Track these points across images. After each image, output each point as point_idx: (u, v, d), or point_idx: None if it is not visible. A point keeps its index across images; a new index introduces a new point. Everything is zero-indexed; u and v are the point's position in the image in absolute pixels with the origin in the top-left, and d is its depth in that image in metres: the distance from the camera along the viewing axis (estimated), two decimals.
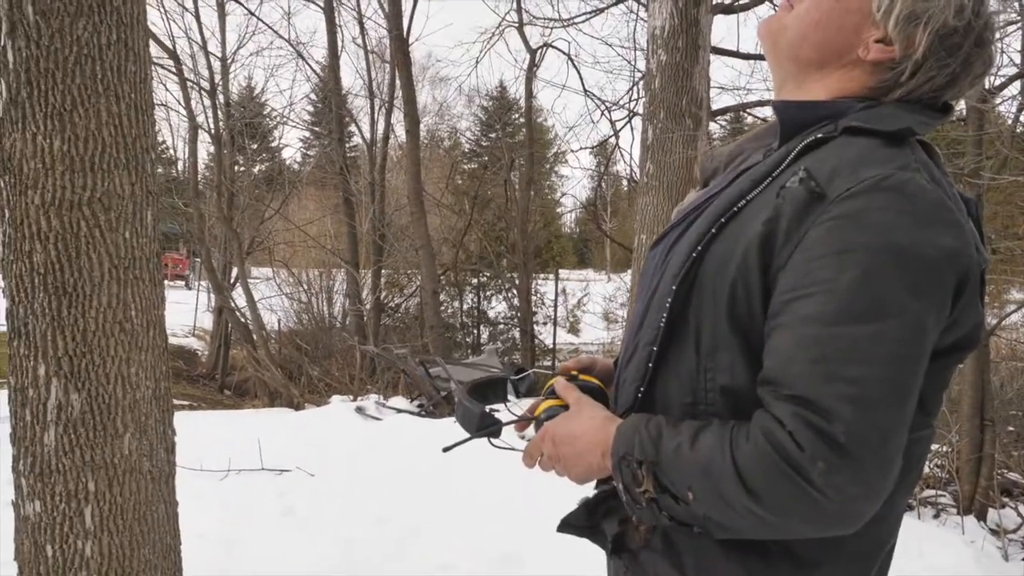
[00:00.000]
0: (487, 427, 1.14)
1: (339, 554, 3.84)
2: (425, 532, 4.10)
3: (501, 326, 13.38)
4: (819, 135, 0.93)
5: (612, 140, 11.45)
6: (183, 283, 29.06)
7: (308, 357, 10.94)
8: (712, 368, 0.93)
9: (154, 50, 10.50)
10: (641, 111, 7.23)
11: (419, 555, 3.83)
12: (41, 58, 2.00)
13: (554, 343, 12.95)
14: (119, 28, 2.09)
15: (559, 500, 1.30)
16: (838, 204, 0.85)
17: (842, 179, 0.86)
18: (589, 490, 1.11)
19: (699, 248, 0.94)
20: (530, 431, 1.19)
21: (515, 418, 1.21)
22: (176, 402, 5.01)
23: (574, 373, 1.21)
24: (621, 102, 11.26)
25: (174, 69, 12.01)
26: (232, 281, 14.83)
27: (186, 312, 18.99)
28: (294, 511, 4.59)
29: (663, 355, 0.98)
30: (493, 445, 1.19)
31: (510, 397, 1.38)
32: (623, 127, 11.06)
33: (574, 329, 18.98)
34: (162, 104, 13.77)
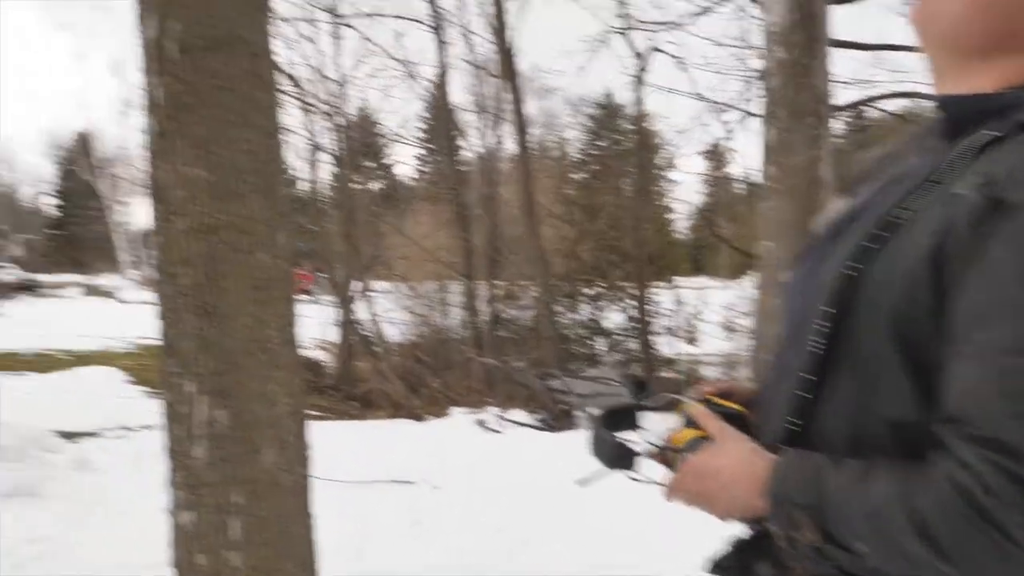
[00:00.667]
0: (623, 459, 1.10)
1: (460, 564, 3.87)
2: (545, 546, 4.07)
3: (618, 337, 13.22)
4: (993, 133, 0.82)
5: (725, 142, 11.13)
6: (309, 297, 30.40)
7: (428, 369, 11.16)
8: (875, 399, 0.83)
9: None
10: (757, 111, 6.99)
11: (532, 562, 3.82)
12: (184, 93, 2.11)
13: (672, 354, 12.69)
14: (250, 59, 2.18)
15: (686, 526, 1.24)
16: None
17: None
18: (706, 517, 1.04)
19: (855, 264, 0.85)
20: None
21: (653, 450, 1.12)
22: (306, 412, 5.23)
23: (713, 399, 1.14)
24: (734, 103, 10.95)
25: (296, 94, 12.61)
26: (354, 295, 15.36)
27: (313, 325, 19.83)
28: (420, 522, 4.67)
29: (817, 383, 0.88)
30: (631, 478, 1.13)
31: (645, 425, 1.31)
32: (737, 128, 10.73)
33: (692, 339, 18.50)
34: (285, 127, 14.48)
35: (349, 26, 13.38)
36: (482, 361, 7.94)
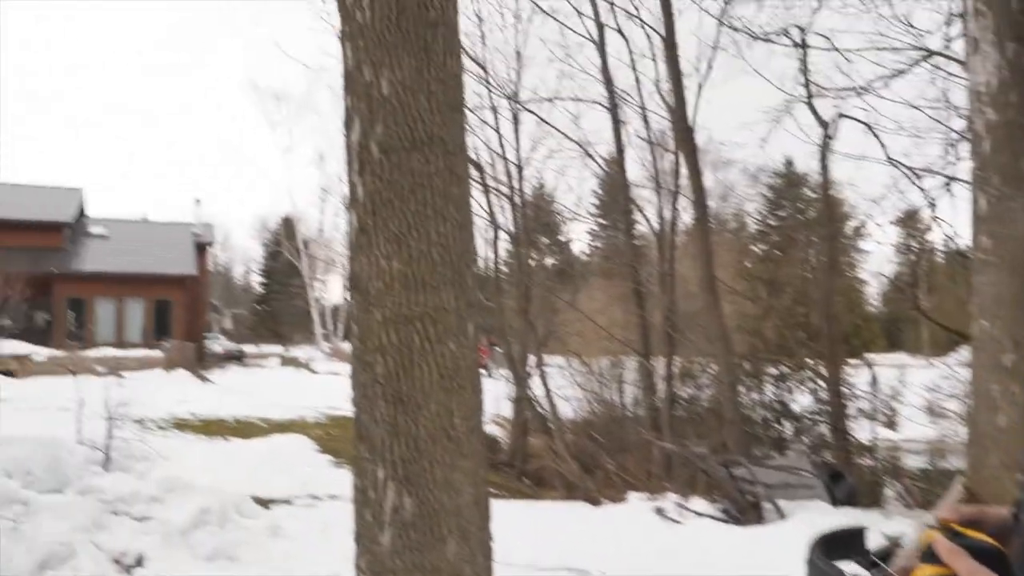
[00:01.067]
0: None
1: None
2: None
3: (806, 420, 12.34)
4: None
5: (926, 210, 10.30)
6: (485, 372, 31.27)
7: (603, 449, 10.95)
8: None
9: None
10: (965, 177, 6.41)
11: None
12: (383, 189, 2.23)
13: (869, 439, 11.62)
14: (445, 157, 2.28)
15: None
16: None
17: None
18: None
19: None
20: None
21: None
22: None
23: (957, 528, 0.95)
24: (934, 167, 10.15)
25: (478, 178, 13.22)
26: (529, 371, 15.53)
27: (488, 400, 20.17)
28: None
29: None
30: None
31: (865, 550, 1.12)
32: (940, 195, 9.91)
33: (891, 423, 16.90)
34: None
35: (528, 110, 13.97)
36: (660, 444, 7.65)
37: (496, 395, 20.99)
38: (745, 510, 6.08)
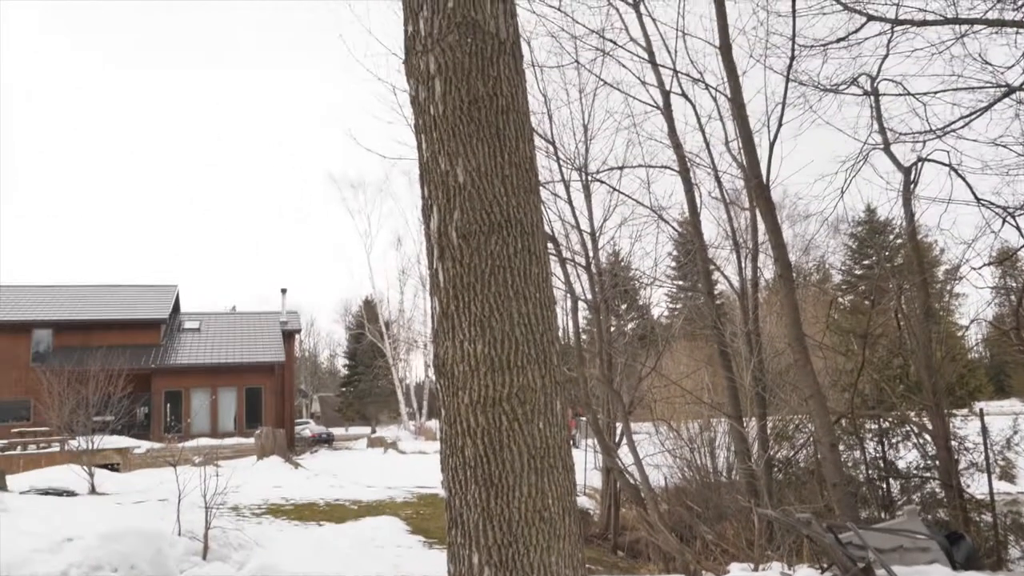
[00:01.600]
0: None
1: None
2: None
3: (915, 478, 11.61)
4: None
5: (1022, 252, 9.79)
6: (571, 443, 30.83)
7: (699, 518, 10.53)
8: None
9: None
10: None
11: None
12: (464, 274, 2.28)
13: (991, 494, 10.80)
14: (523, 238, 2.31)
15: None
16: None
17: None
18: None
19: None
20: None
21: None
22: None
23: None
24: None
25: (554, 251, 13.32)
26: (617, 440, 15.22)
27: (577, 471, 19.86)
28: None
29: None
30: None
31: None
32: None
33: (1007, 475, 15.73)
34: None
35: (599, 180, 14.09)
36: (760, 512, 7.31)
37: (584, 466, 20.66)
38: None
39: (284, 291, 36.90)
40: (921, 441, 11.67)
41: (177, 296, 33.73)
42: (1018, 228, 9.72)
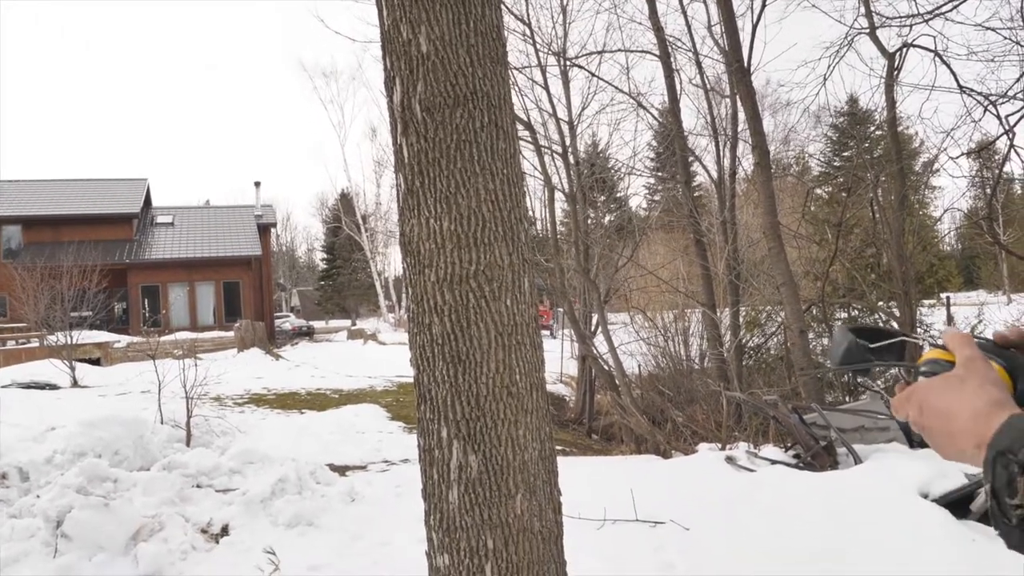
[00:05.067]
0: (857, 359, 1.01)
1: None
2: None
3: (880, 365, 11.99)
4: None
5: (1002, 140, 9.76)
6: (548, 333, 31.47)
7: (671, 403, 10.87)
8: None
9: None
10: None
11: None
12: (428, 149, 2.21)
13: None
14: (490, 111, 2.23)
15: None
16: None
17: None
18: None
19: None
20: None
21: (889, 363, 1.02)
22: None
23: (990, 339, 0.93)
24: (1011, 92, 9.59)
25: (530, 138, 13.10)
26: (593, 329, 15.50)
27: (553, 360, 20.33)
28: (673, 565, 4.47)
29: None
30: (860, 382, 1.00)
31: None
32: (1018, 121, 9.36)
33: None
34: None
35: (577, 65, 13.71)
36: (729, 395, 7.54)
37: (561, 355, 21.12)
38: (819, 455, 5.96)
39: (258, 184, 36.32)
40: (891, 326, 11.99)
41: (148, 190, 33.04)
42: (999, 117, 9.66)
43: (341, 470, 7.98)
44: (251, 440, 9.17)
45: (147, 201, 32.88)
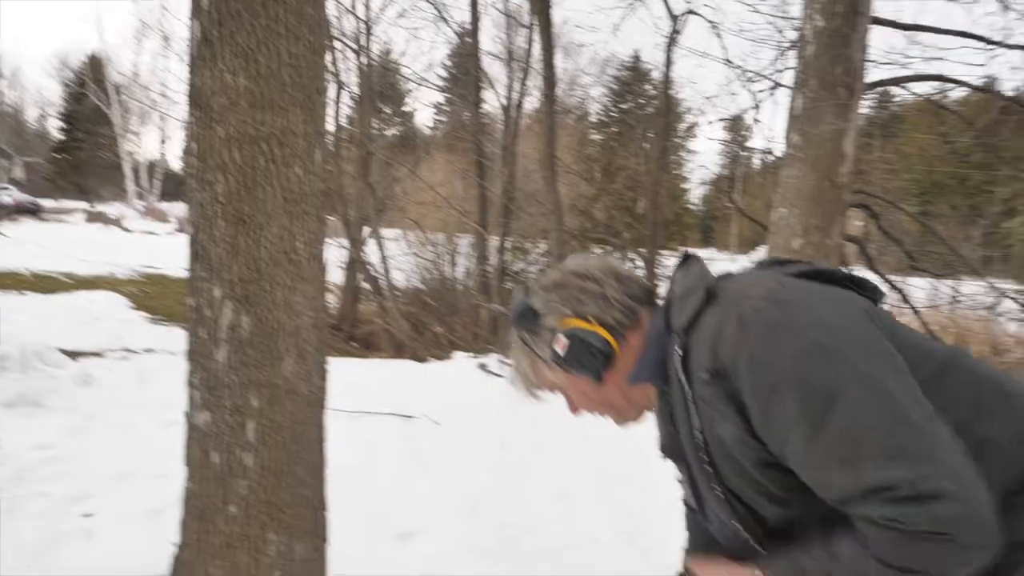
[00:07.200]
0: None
1: (458, 494, 4.01)
2: (537, 477, 4.22)
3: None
4: (678, 351, 1.21)
5: (751, 112, 11.01)
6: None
7: (433, 314, 11.24)
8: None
9: None
10: (787, 81, 6.91)
11: (532, 488, 3.96)
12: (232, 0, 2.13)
13: None
14: None
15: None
16: None
17: None
18: None
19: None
20: None
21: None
22: None
23: None
24: (764, 72, 10.80)
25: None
26: (364, 237, 15.41)
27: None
28: (418, 454, 4.79)
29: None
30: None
31: None
32: (765, 98, 10.59)
33: None
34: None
35: None
36: (487, 307, 7.99)
37: (327, 261, 20.75)
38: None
39: None
40: (635, 268, 13.28)
41: None
42: (752, 93, 10.85)
43: (73, 355, 7.31)
44: None
45: None
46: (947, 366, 1.06)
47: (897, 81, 8.47)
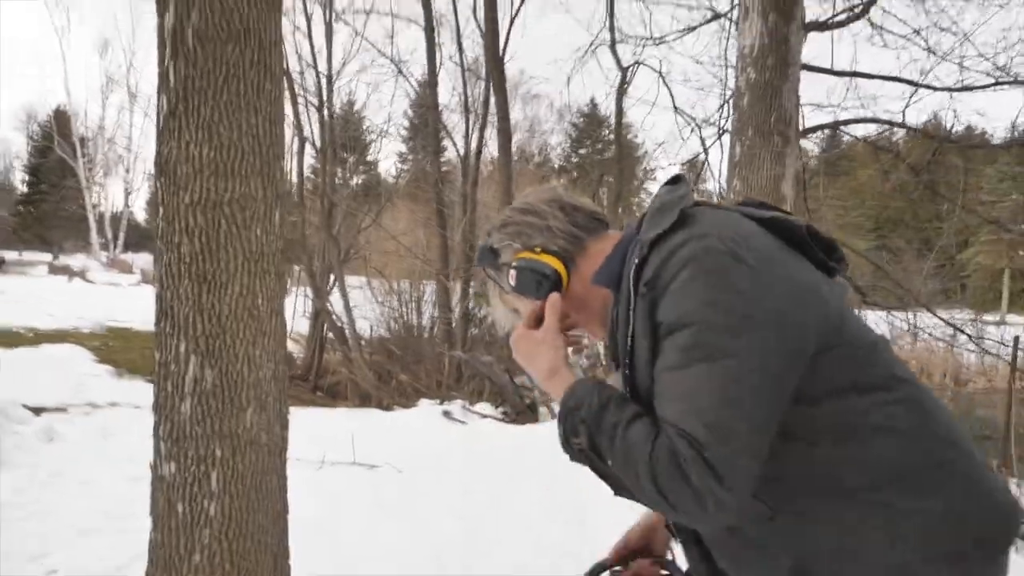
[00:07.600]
0: None
1: (423, 543, 4.08)
2: (501, 526, 4.30)
3: (587, 339, 13.46)
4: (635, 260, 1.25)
5: (702, 157, 11.44)
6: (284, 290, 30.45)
7: (398, 363, 11.31)
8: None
9: None
10: (730, 129, 7.25)
11: (489, 546, 4.03)
12: (196, 77, 2.31)
13: None
14: (259, 51, 2.38)
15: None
16: None
17: None
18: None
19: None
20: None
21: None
22: None
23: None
24: (712, 120, 11.26)
25: (286, 88, 12.73)
26: (329, 287, 15.47)
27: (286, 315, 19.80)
28: (383, 503, 4.86)
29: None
30: None
31: None
32: (712, 144, 11.04)
33: None
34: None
35: (344, 21, 13.57)
36: (451, 355, 8.13)
37: (293, 312, 20.71)
38: (522, 412, 6.72)
39: None
40: None
41: None
42: (702, 139, 11.29)
43: (37, 411, 7.27)
44: None
45: None
46: (877, 345, 1.20)
47: (836, 125, 8.92)
